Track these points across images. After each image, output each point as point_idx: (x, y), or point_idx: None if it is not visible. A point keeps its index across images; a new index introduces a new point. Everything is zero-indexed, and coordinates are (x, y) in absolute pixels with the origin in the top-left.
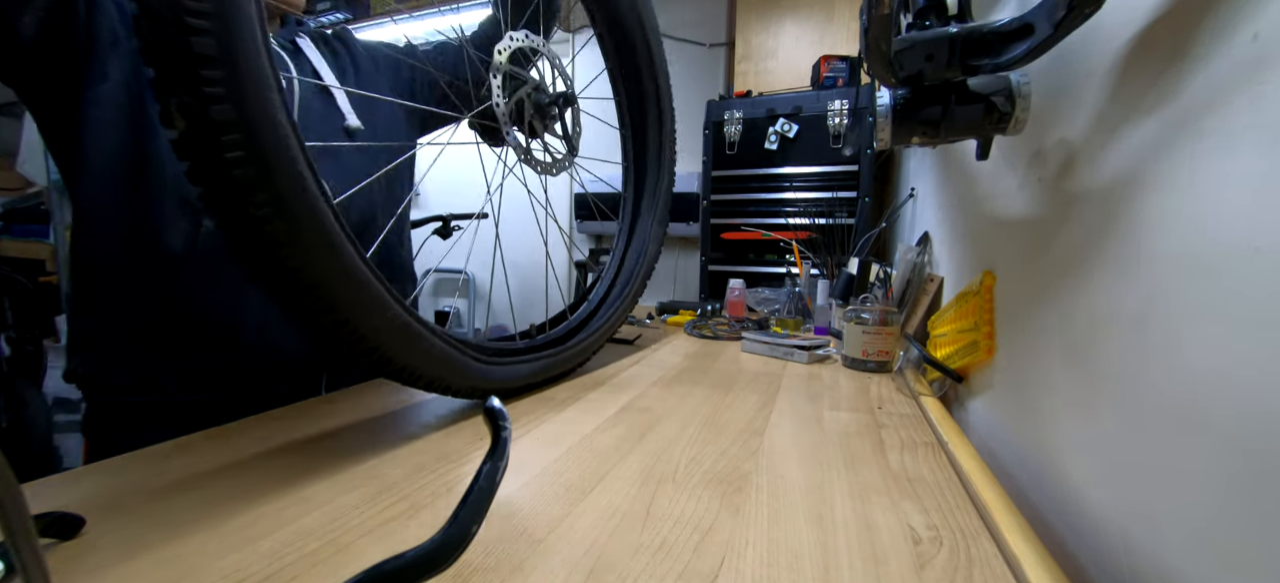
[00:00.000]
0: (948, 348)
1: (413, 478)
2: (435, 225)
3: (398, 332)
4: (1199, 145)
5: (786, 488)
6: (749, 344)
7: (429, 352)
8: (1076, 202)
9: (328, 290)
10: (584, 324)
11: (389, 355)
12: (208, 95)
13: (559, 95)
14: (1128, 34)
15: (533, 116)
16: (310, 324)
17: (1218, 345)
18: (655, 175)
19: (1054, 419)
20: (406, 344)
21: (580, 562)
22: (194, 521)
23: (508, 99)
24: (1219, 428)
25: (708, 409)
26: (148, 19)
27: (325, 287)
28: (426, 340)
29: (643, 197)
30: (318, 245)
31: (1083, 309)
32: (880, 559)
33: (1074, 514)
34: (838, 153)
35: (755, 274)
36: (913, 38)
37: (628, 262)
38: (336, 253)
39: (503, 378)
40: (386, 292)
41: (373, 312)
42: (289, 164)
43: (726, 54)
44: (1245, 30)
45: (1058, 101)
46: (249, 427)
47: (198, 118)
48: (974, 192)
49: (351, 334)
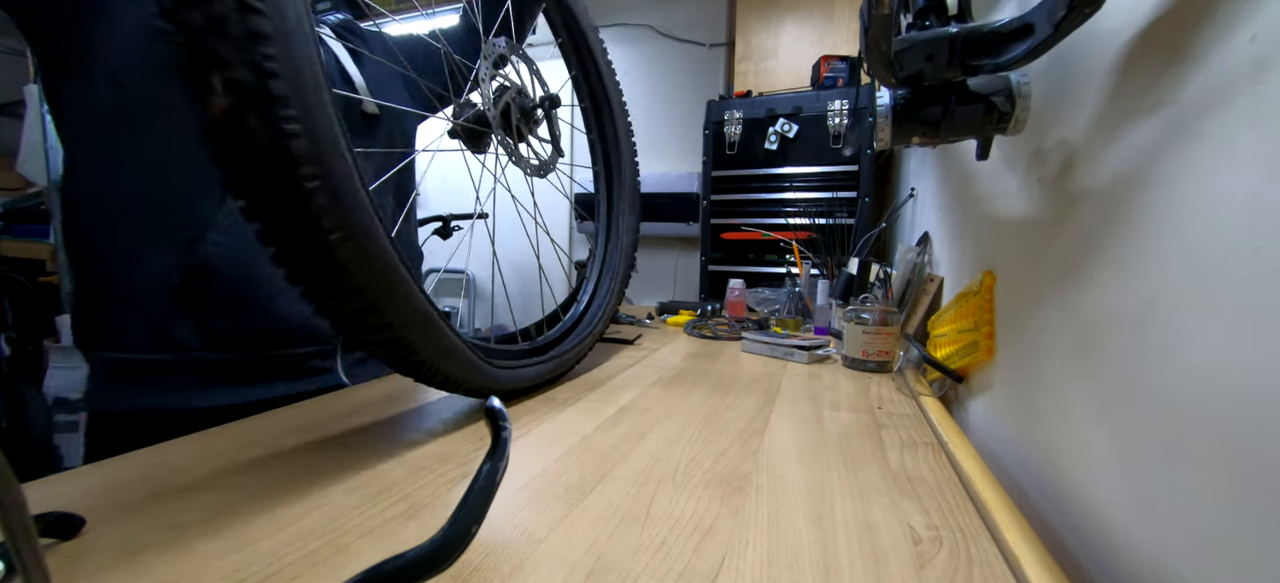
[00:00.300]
0: (948, 348)
1: (413, 478)
2: (435, 225)
3: (421, 324)
4: (1199, 145)
5: (786, 488)
6: (749, 344)
7: (450, 349)
8: (1076, 202)
9: (370, 293)
10: (576, 325)
11: (412, 347)
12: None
13: (545, 98)
14: (1128, 34)
15: (519, 120)
16: (347, 323)
17: (1218, 345)
18: (618, 172)
19: (1054, 419)
20: (427, 337)
21: (580, 562)
22: (194, 521)
23: (494, 104)
24: (1219, 428)
25: (708, 409)
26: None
27: (367, 289)
28: (447, 336)
29: (614, 193)
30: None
31: (1083, 309)
32: (880, 559)
33: (1074, 514)
34: (838, 153)
35: (755, 274)
36: (913, 38)
37: (609, 257)
38: (378, 244)
39: (507, 381)
40: (414, 282)
41: (404, 301)
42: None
43: (726, 54)
44: (1245, 30)
45: (1058, 101)
46: (249, 427)
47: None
48: (974, 192)
49: (379, 324)
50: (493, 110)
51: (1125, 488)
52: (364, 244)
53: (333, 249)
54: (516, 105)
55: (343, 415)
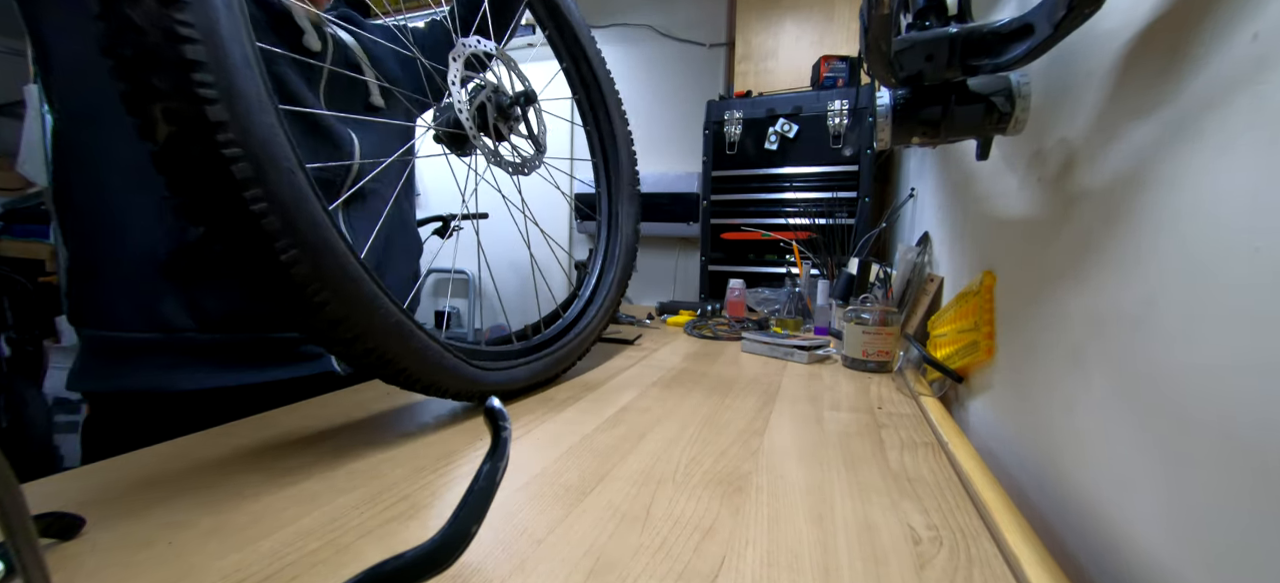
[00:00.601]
0: (948, 348)
1: (413, 478)
2: (436, 225)
3: (392, 333)
4: (1199, 145)
5: (786, 488)
6: (749, 344)
7: (424, 353)
8: (1076, 202)
9: (335, 303)
10: (578, 319)
11: (389, 357)
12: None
13: (520, 94)
14: (1128, 34)
15: (497, 119)
16: (318, 332)
17: (1217, 346)
18: (616, 166)
19: (1054, 419)
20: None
21: (580, 562)
22: (194, 520)
23: (470, 104)
24: (1218, 428)
25: (708, 409)
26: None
27: (332, 300)
28: (422, 342)
29: (614, 188)
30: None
31: (1082, 309)
32: (880, 559)
33: (1074, 514)
34: (838, 153)
35: (755, 274)
36: (913, 38)
37: (611, 253)
38: (336, 255)
39: (501, 381)
40: (383, 293)
41: (371, 313)
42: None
43: (726, 54)
44: (1245, 30)
45: (1058, 101)
46: (249, 427)
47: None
48: (974, 192)
49: (350, 335)
50: (467, 111)
51: (1126, 488)
52: (321, 261)
53: (289, 267)
54: (493, 104)
55: (342, 415)
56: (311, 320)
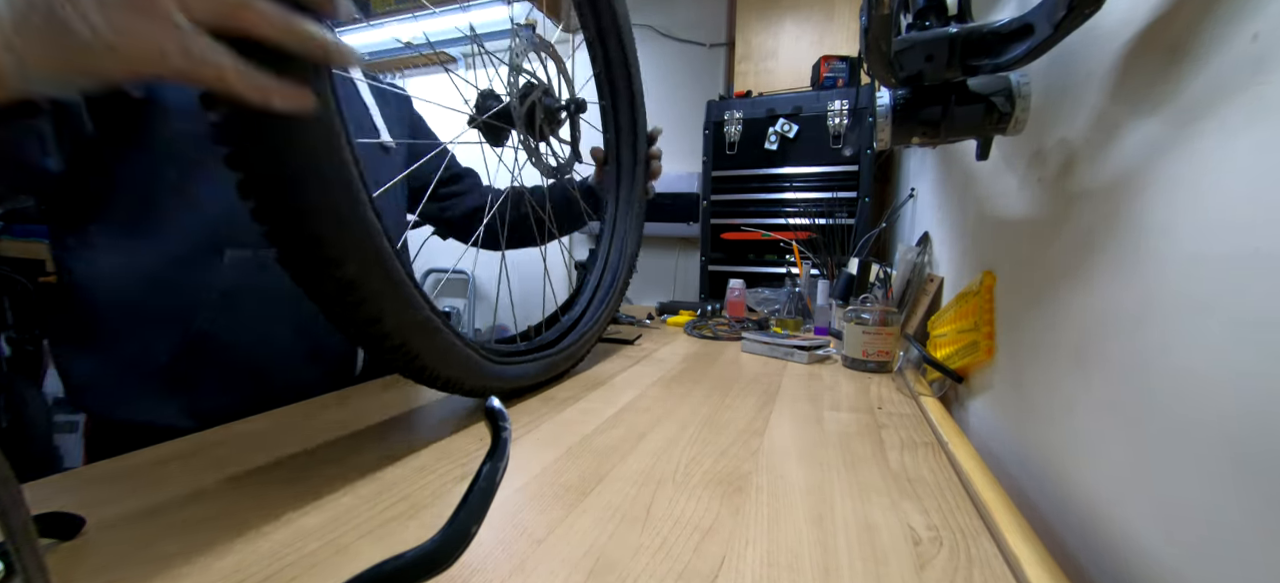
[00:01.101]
0: (948, 348)
1: (413, 478)
2: None
3: (421, 329)
4: (1199, 146)
5: (786, 488)
6: (749, 344)
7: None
8: (1076, 202)
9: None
10: (577, 323)
11: (415, 353)
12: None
13: (571, 101)
14: (1128, 34)
15: (543, 121)
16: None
17: (1217, 346)
18: (631, 176)
19: (1054, 419)
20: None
21: (580, 562)
22: (194, 520)
23: (520, 102)
24: (1218, 428)
25: (708, 409)
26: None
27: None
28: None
29: (621, 196)
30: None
31: (1083, 310)
32: (880, 559)
33: (1074, 514)
34: (838, 153)
35: (755, 274)
36: (913, 38)
37: (612, 258)
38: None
39: (513, 377)
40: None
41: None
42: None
43: (726, 54)
44: (1245, 30)
45: (1058, 101)
46: (248, 428)
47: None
48: (974, 192)
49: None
50: (519, 107)
51: (1126, 488)
52: (367, 266)
53: (339, 265)
54: (542, 105)
55: (342, 416)
56: (349, 320)
